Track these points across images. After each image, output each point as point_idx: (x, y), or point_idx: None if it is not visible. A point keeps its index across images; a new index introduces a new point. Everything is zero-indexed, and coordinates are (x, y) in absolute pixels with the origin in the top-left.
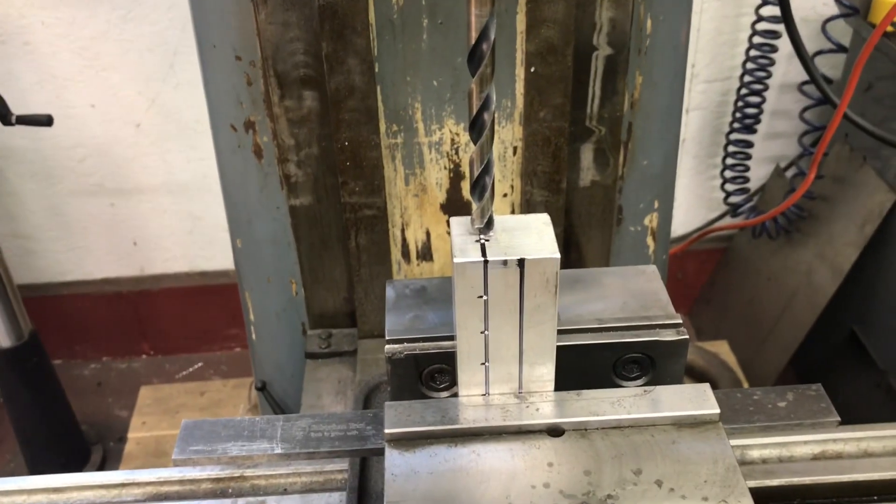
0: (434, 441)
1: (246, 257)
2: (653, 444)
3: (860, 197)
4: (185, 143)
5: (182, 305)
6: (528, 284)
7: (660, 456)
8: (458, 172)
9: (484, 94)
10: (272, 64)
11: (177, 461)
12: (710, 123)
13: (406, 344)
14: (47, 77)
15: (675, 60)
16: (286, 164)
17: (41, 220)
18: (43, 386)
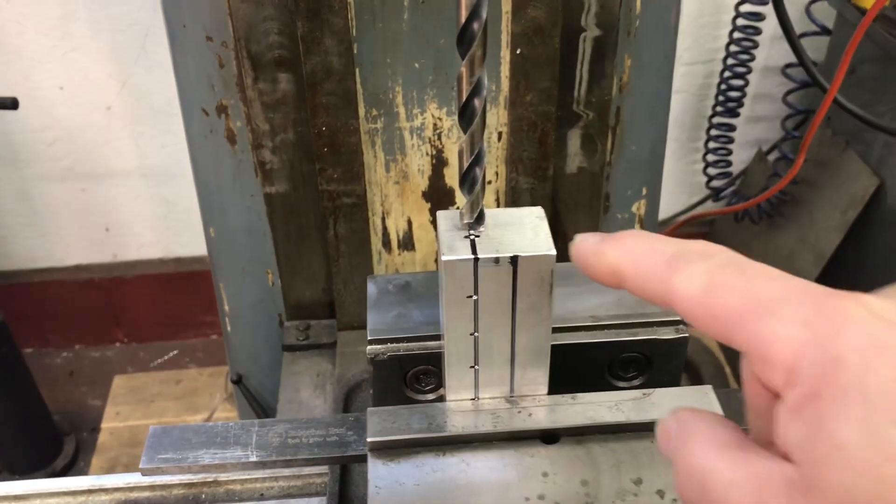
0: (420, 450)
1: (219, 247)
2: (654, 451)
3: (843, 181)
4: (158, 126)
5: (156, 292)
6: (522, 283)
7: (661, 464)
8: (441, 159)
9: (475, 79)
10: (245, 45)
11: (145, 471)
12: (692, 107)
13: (389, 344)
14: (13, 58)
15: (665, 43)
16: (261, 150)
17: (9, 205)
18: (13, 376)
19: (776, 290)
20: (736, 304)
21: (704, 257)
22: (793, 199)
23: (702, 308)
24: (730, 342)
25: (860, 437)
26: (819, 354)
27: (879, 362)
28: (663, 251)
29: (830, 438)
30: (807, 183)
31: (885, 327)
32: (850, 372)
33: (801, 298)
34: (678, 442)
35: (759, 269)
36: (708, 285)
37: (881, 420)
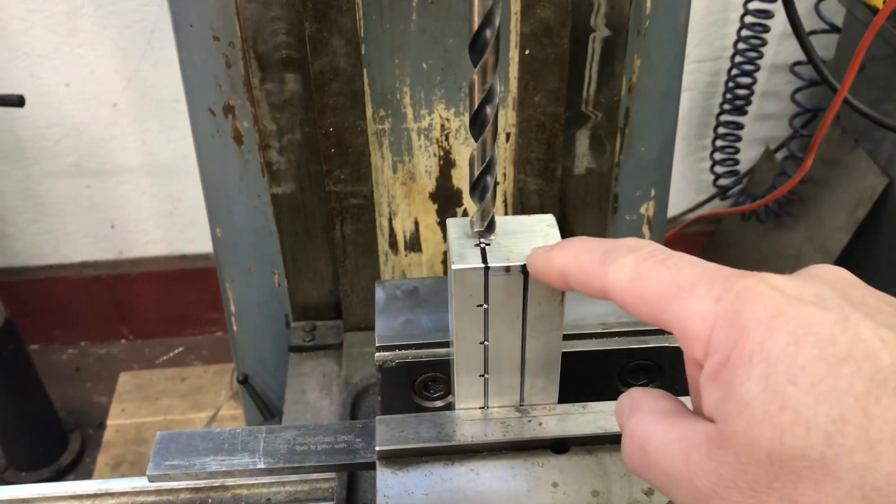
0: (429, 459)
1: (226, 247)
2: None
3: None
4: (165, 122)
5: (162, 289)
6: (533, 292)
7: None
8: (449, 160)
9: (487, 86)
10: (252, 45)
11: (152, 477)
12: (699, 105)
13: (398, 351)
14: (20, 54)
15: (675, 42)
16: (268, 150)
17: (15, 201)
18: (19, 374)
19: (692, 273)
20: (659, 288)
21: (632, 250)
22: (800, 197)
23: (632, 294)
24: (658, 323)
25: (761, 392)
26: (727, 326)
27: (778, 330)
28: (598, 249)
29: (737, 395)
30: (815, 182)
31: (784, 301)
32: (753, 339)
33: (713, 279)
34: (627, 414)
35: (678, 258)
36: (635, 274)
37: (779, 378)
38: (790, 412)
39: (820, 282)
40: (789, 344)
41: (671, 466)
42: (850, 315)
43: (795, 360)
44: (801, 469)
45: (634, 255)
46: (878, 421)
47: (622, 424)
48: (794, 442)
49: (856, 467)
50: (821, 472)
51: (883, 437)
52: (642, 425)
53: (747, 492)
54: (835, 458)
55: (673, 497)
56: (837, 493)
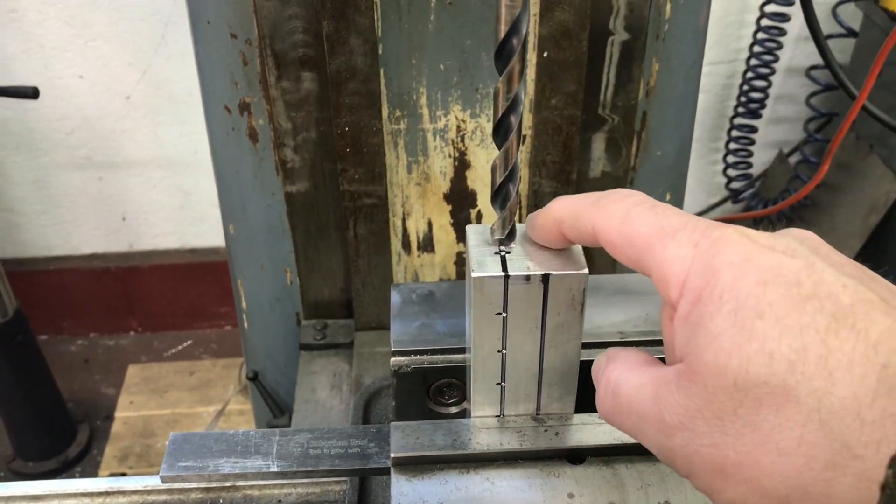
0: (444, 466)
1: (239, 244)
2: None
3: (865, 186)
4: (177, 116)
5: (171, 282)
6: (552, 301)
7: (689, 488)
8: (464, 161)
9: (512, 95)
10: (269, 43)
11: (165, 478)
12: (713, 107)
13: (413, 356)
14: (34, 46)
15: (694, 47)
16: (282, 148)
17: (27, 193)
18: (28, 364)
19: (677, 221)
20: (645, 230)
21: (624, 197)
22: (813, 202)
23: (619, 236)
24: (641, 267)
25: (730, 326)
26: (702, 267)
27: (749, 272)
28: (591, 196)
29: (707, 330)
30: (828, 187)
31: (756, 248)
32: (724, 279)
33: (695, 227)
34: (603, 367)
35: (665, 207)
36: (624, 217)
37: (747, 313)
38: (756, 343)
39: (791, 237)
40: (758, 284)
41: (642, 406)
42: (816, 262)
43: (763, 297)
44: (763, 395)
45: (626, 201)
46: (837, 352)
47: (597, 378)
48: (759, 370)
49: (814, 392)
50: (782, 397)
51: (840, 366)
52: (616, 373)
53: (712, 420)
54: (795, 385)
55: (642, 438)
56: (797, 416)
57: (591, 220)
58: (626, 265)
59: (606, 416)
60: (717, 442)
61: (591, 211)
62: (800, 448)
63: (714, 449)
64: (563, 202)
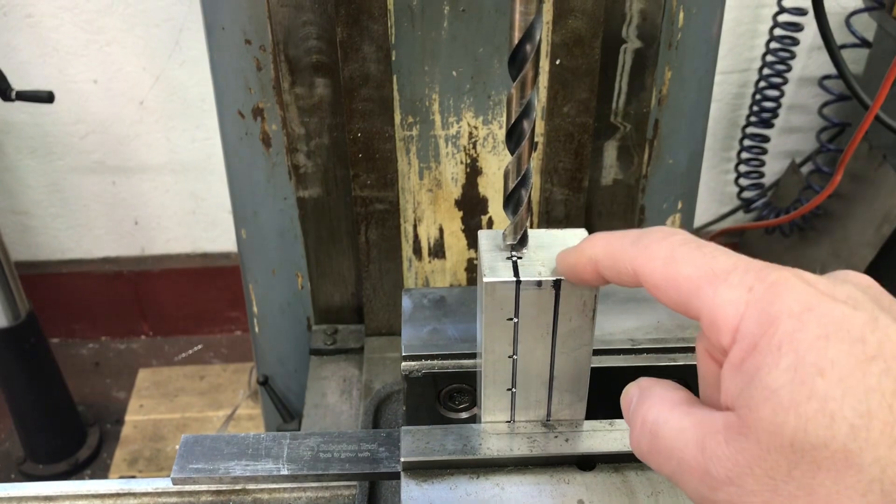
0: (454, 471)
1: (251, 248)
2: None
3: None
4: (190, 121)
5: (183, 286)
6: (564, 307)
7: None
8: (475, 167)
9: (525, 101)
10: (283, 49)
11: (176, 480)
12: (725, 116)
13: (424, 361)
14: (49, 51)
15: (707, 55)
16: (295, 153)
17: (40, 196)
18: (40, 367)
19: (727, 262)
20: (692, 273)
21: (666, 236)
22: (826, 212)
23: (663, 278)
24: (687, 311)
25: (788, 381)
26: (758, 314)
27: (809, 323)
28: (630, 234)
29: (764, 383)
30: (841, 197)
31: (816, 295)
32: (783, 329)
33: (747, 269)
34: (638, 403)
35: (713, 247)
36: (669, 259)
37: (807, 369)
38: (817, 402)
39: (850, 284)
40: (819, 338)
41: (684, 452)
42: (880, 317)
43: (825, 353)
44: (822, 459)
45: (669, 240)
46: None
47: (630, 412)
48: (819, 432)
49: (878, 461)
50: (842, 463)
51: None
52: (654, 412)
53: (763, 479)
54: (858, 451)
55: (682, 485)
56: (857, 485)
57: (631, 261)
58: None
59: (642, 456)
60: (768, 501)
61: (631, 252)
62: None
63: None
64: (599, 241)
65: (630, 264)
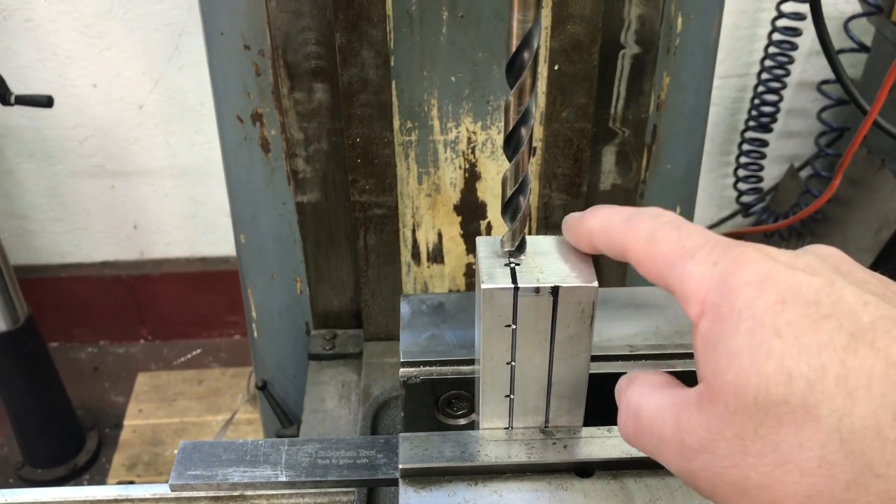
0: (453, 478)
1: (249, 253)
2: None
3: (877, 201)
4: (189, 125)
5: (182, 291)
6: (562, 314)
7: (698, 501)
8: (474, 172)
9: (523, 108)
10: (282, 54)
11: (174, 486)
12: (724, 120)
13: (422, 367)
14: (49, 55)
15: (705, 61)
16: (294, 158)
17: (40, 200)
18: (38, 371)
19: (697, 240)
20: (668, 249)
21: (653, 217)
22: (824, 217)
23: (644, 253)
24: (663, 283)
25: (748, 344)
26: (720, 285)
27: (767, 290)
28: (624, 212)
29: (726, 349)
30: (839, 201)
31: (776, 266)
32: (742, 298)
33: (714, 245)
34: (623, 389)
35: (690, 227)
36: (650, 236)
37: (765, 332)
38: (775, 361)
39: (812, 254)
40: (776, 302)
41: (663, 428)
42: (836, 280)
43: (781, 316)
44: (783, 415)
45: (655, 220)
46: (856, 371)
47: (619, 400)
48: (778, 389)
49: (834, 412)
50: (802, 417)
51: (860, 385)
52: (637, 395)
53: (734, 441)
54: (815, 404)
55: (664, 460)
56: (817, 436)
57: (621, 237)
58: (653, 283)
59: (628, 439)
60: (739, 463)
61: (621, 227)
62: (820, 468)
63: (736, 470)
64: (599, 214)
65: (620, 239)
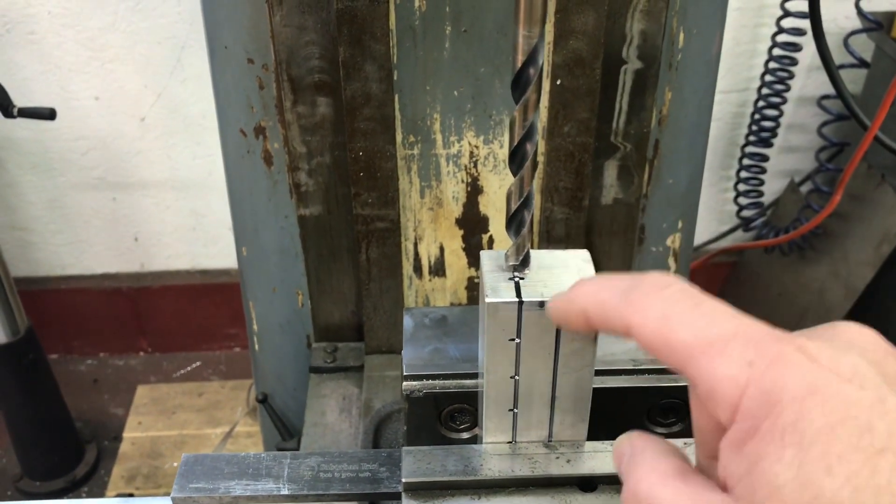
0: (455, 492)
1: (251, 266)
2: None
3: (877, 215)
4: (191, 138)
5: (182, 303)
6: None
7: None
8: (476, 186)
9: (528, 123)
10: (286, 68)
11: (176, 500)
12: (724, 135)
13: (425, 381)
14: (52, 68)
15: (707, 76)
16: (297, 172)
17: (41, 212)
18: (38, 383)
19: (725, 328)
20: (688, 339)
21: (658, 289)
22: (825, 231)
23: (657, 339)
24: (682, 373)
25: (792, 478)
26: (760, 395)
27: (813, 408)
28: (619, 285)
29: (765, 477)
30: (840, 216)
31: (821, 374)
32: (786, 416)
33: (747, 340)
34: (629, 466)
35: (710, 306)
36: (662, 318)
37: (813, 465)
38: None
39: (854, 352)
40: (824, 427)
41: None
42: (887, 397)
43: (832, 447)
44: None
45: (662, 294)
46: None
47: (622, 472)
48: None
49: None
50: None
51: None
52: (646, 484)
53: None
54: None
55: None
56: None
57: (622, 318)
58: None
59: None
60: None
61: (622, 306)
62: None
63: None
64: (588, 290)
65: (621, 321)
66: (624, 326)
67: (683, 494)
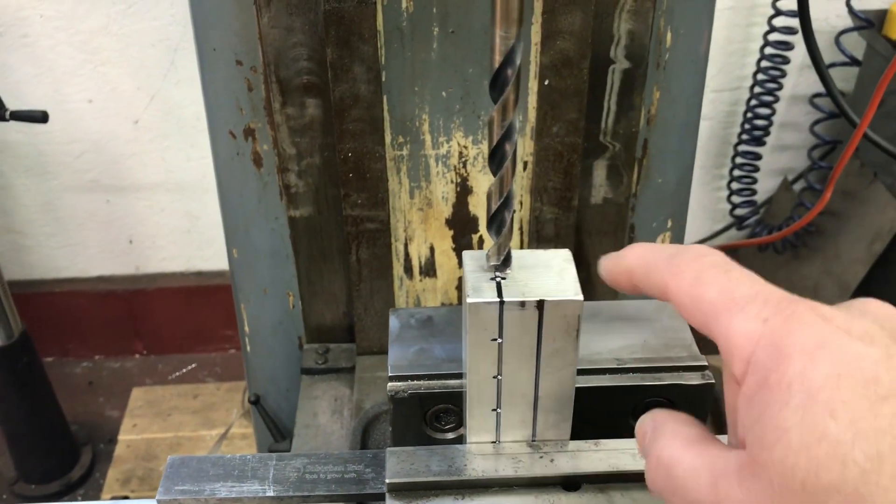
0: (439, 493)
1: (242, 268)
2: None
3: (870, 213)
4: (185, 140)
5: (177, 305)
6: (547, 328)
7: None
8: (466, 187)
9: (506, 123)
10: (274, 69)
11: (162, 502)
12: (717, 134)
13: (410, 382)
14: (45, 70)
15: (695, 75)
16: (286, 173)
17: (35, 215)
18: (33, 386)
19: (748, 290)
20: (714, 297)
21: (698, 257)
22: (818, 229)
23: (689, 298)
24: (707, 333)
25: (799, 422)
26: (771, 348)
27: (821, 360)
28: (665, 251)
29: (775, 422)
30: (833, 214)
31: (831, 332)
32: (795, 366)
33: (766, 300)
34: (651, 437)
35: (739, 272)
36: (696, 280)
37: (818, 410)
38: (828, 445)
39: (869, 318)
40: (831, 376)
41: (698, 492)
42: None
43: (836, 393)
44: (832, 503)
45: (700, 261)
46: None
47: (645, 446)
48: (830, 476)
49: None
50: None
51: None
52: (669, 450)
53: None
54: (869, 496)
55: None
56: None
57: (662, 277)
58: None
59: (658, 493)
60: None
61: (664, 267)
62: None
63: None
64: (638, 252)
65: (661, 280)
66: (662, 286)
67: (704, 456)
